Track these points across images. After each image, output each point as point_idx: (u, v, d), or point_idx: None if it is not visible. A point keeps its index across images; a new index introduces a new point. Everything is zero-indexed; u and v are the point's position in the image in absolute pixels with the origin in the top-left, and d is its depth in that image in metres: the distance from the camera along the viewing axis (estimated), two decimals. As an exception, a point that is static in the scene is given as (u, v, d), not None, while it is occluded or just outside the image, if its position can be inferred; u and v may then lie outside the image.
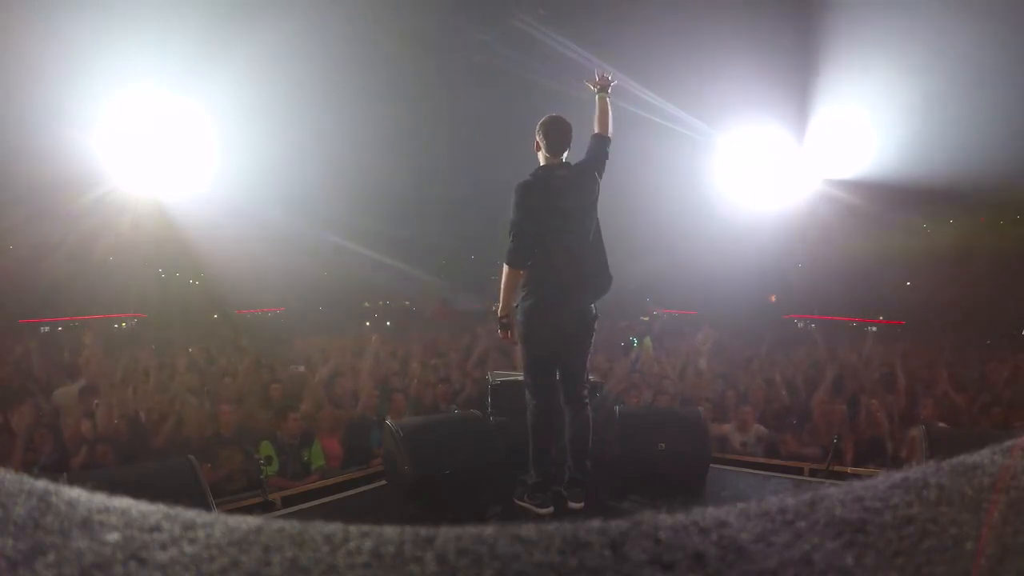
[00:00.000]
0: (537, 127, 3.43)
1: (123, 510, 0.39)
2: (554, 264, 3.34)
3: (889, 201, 11.01)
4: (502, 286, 3.43)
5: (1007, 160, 8.83)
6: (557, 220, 3.32)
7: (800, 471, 4.33)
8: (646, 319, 11.17)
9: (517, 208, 3.31)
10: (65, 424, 4.82)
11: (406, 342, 9.07)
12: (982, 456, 0.44)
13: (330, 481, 4.12)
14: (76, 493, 0.42)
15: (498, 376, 4.61)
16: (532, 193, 3.32)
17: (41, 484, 0.43)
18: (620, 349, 7.58)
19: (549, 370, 3.52)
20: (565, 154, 3.42)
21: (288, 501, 3.70)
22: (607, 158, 3.54)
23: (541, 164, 3.45)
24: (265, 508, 3.54)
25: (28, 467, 4.32)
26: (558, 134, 3.38)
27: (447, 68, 12.33)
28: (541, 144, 3.41)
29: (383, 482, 3.94)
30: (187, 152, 10.47)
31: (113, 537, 0.36)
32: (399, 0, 10.84)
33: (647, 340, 7.81)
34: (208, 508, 2.93)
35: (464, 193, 15.63)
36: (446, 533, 0.37)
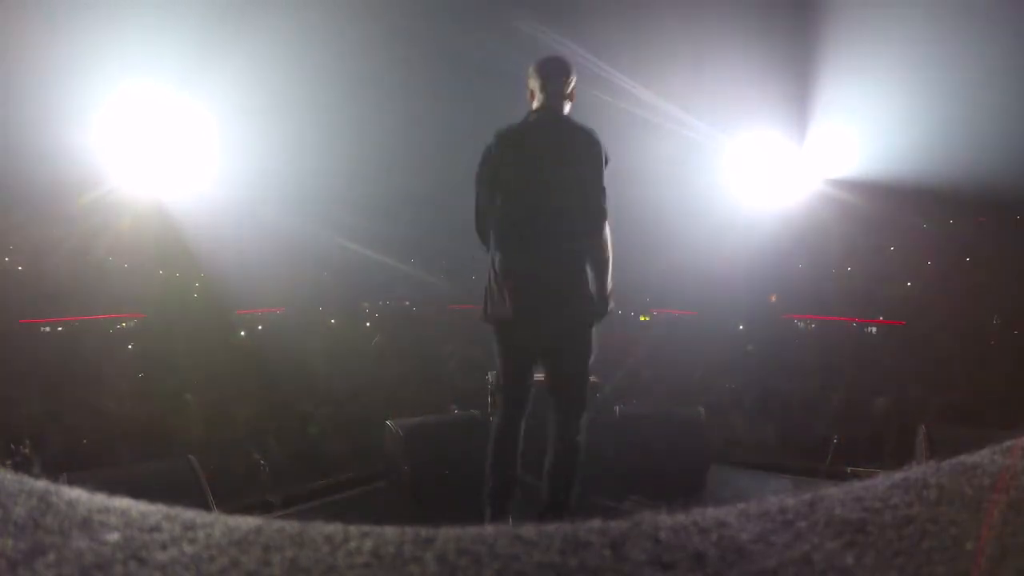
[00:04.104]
0: (529, 70, 2.66)
1: (123, 510, 0.39)
2: (513, 239, 2.57)
3: (889, 201, 11.00)
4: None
5: (1008, 160, 8.82)
6: (524, 184, 2.57)
7: (800, 471, 4.33)
8: (646, 319, 11.07)
9: (480, 168, 2.66)
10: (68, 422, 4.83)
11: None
12: (982, 456, 0.44)
13: (330, 481, 4.12)
14: (76, 493, 0.41)
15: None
16: (496, 151, 2.62)
17: (41, 484, 0.43)
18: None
19: (515, 378, 2.73)
20: (567, 106, 2.65)
21: (288, 501, 3.69)
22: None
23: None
24: (265, 508, 3.54)
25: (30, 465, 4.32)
26: (556, 74, 2.62)
27: (450, 68, 12.32)
28: (535, 90, 2.64)
29: (383, 482, 3.94)
30: (188, 151, 10.48)
31: (113, 537, 0.36)
32: (405, 1, 10.85)
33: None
34: (208, 508, 2.93)
35: (466, 193, 15.59)
36: (446, 533, 0.37)
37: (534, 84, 2.66)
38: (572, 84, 2.67)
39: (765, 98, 10.39)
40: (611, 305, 2.69)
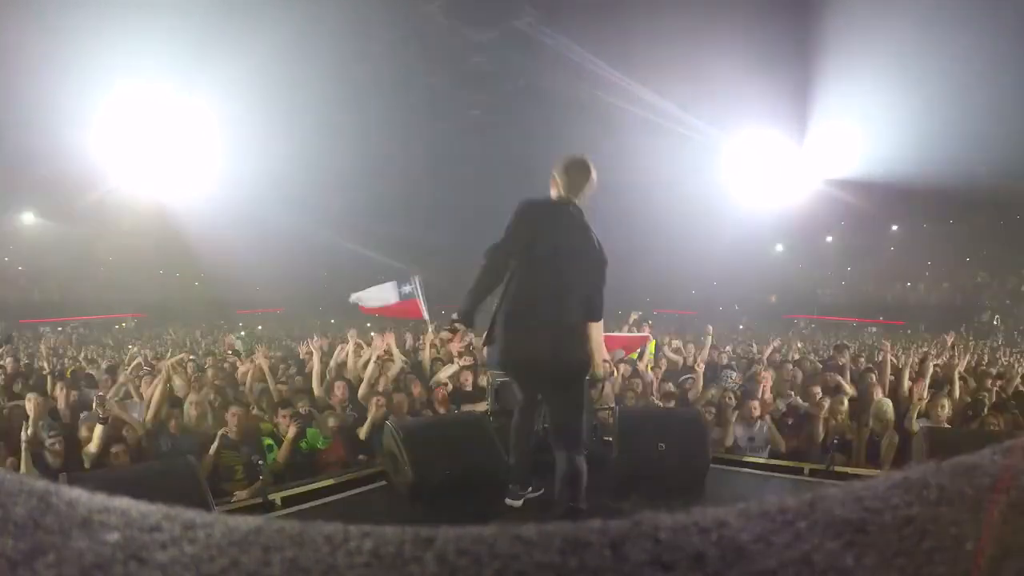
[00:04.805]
0: (556, 165, 3.27)
1: (123, 510, 0.39)
2: (529, 293, 3.14)
3: (889, 201, 11.02)
4: (473, 285, 3.18)
5: (1008, 160, 8.82)
6: (548, 251, 3.13)
7: (800, 471, 4.33)
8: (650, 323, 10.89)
9: (514, 220, 3.18)
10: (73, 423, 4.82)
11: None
12: (982, 456, 0.44)
13: (330, 481, 4.12)
14: (76, 493, 0.41)
15: (498, 377, 4.61)
16: (535, 213, 3.19)
17: (41, 484, 0.43)
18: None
19: (525, 396, 3.47)
20: (580, 198, 3.25)
21: (288, 501, 3.70)
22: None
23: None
24: (265, 508, 3.54)
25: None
26: (578, 174, 3.22)
27: (451, 70, 12.35)
28: (559, 183, 3.25)
29: (383, 482, 3.94)
30: (189, 152, 10.49)
31: (113, 537, 0.36)
32: (405, 1, 10.86)
33: (651, 344, 7.67)
34: (208, 508, 2.93)
35: (467, 194, 15.63)
36: (446, 533, 0.37)
37: (558, 177, 3.25)
38: (589, 182, 3.24)
39: (765, 97, 10.40)
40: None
